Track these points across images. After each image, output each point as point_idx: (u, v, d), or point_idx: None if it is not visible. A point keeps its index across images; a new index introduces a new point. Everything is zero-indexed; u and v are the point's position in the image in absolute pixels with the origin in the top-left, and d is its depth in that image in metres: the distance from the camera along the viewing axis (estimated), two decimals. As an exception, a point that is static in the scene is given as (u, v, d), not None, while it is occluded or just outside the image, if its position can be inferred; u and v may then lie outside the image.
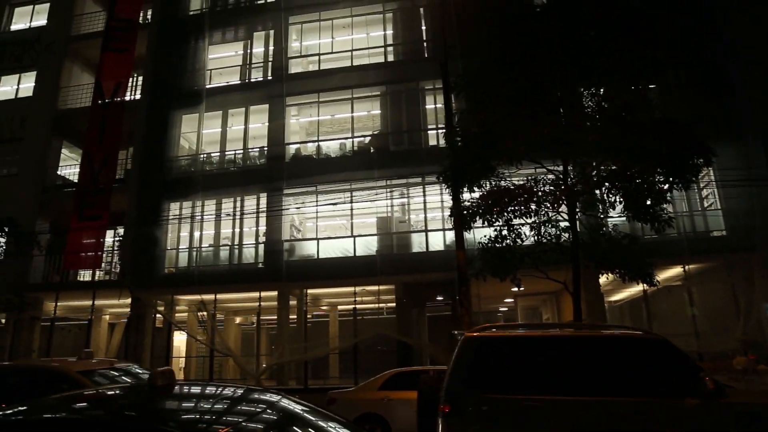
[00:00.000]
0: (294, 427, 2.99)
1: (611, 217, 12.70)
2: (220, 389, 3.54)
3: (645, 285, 11.85)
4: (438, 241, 17.10)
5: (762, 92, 16.52)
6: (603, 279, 16.14)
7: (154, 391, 2.86)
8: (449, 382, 5.78)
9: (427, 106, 18.42)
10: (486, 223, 12.31)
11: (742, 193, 15.98)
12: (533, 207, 11.87)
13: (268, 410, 3.03)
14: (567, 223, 12.16)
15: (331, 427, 3.04)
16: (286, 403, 3.20)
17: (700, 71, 14.33)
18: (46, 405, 3.00)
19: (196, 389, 3.58)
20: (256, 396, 3.30)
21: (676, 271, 16.67)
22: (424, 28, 19.30)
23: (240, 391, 3.37)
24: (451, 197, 15.59)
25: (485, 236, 12.90)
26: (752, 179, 15.69)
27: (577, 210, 12.19)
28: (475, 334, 6.17)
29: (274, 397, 3.24)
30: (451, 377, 5.81)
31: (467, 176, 13.17)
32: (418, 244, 17.19)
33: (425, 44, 19.18)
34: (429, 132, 18.20)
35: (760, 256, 15.55)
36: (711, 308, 16.09)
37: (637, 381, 5.63)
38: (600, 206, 12.09)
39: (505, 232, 12.43)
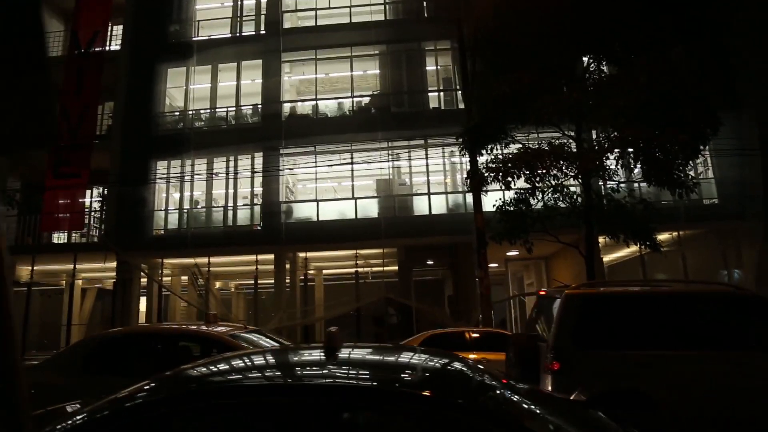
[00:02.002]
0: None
1: (613, 182, 12.95)
2: (395, 350, 3.30)
3: (646, 248, 12.27)
4: (440, 205, 16.98)
5: (757, 63, 16.94)
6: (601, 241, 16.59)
7: (332, 351, 2.57)
8: (556, 339, 5.73)
9: (428, 68, 18.03)
10: (504, 185, 12.38)
11: (734, 163, 16.57)
12: (555, 171, 12.02)
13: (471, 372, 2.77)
14: (573, 187, 12.53)
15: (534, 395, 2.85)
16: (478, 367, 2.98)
17: (701, 41, 14.57)
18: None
19: (369, 350, 3.32)
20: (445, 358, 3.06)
21: (668, 235, 17.21)
22: (424, -14, 18.75)
23: (420, 353, 3.13)
24: (465, 160, 15.56)
25: (498, 200, 13.00)
26: (744, 149, 16.25)
27: (595, 175, 12.42)
28: (576, 291, 6.14)
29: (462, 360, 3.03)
30: (557, 335, 5.75)
31: (485, 139, 13.16)
32: (419, 207, 17.00)
33: (424, 3, 18.67)
34: (430, 94, 17.88)
35: (748, 224, 16.22)
36: (702, 273, 16.74)
37: (737, 335, 5.79)
38: (617, 171, 12.31)
39: (526, 195, 12.65)
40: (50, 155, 18.02)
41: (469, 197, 16.70)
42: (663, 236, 17.46)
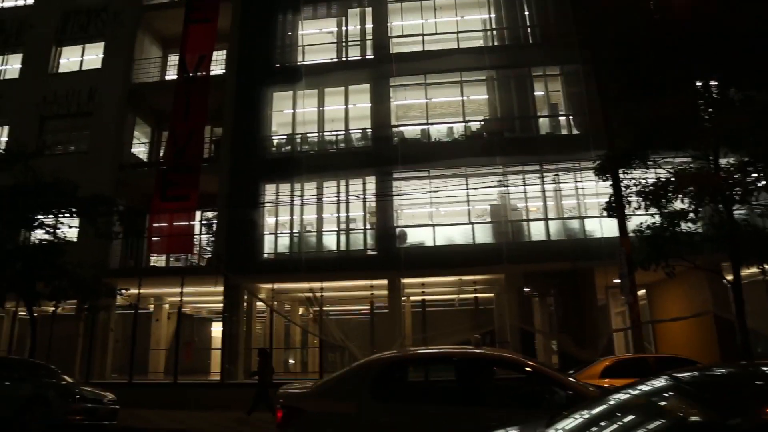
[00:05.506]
0: None
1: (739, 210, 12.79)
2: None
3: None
4: (558, 230, 16.74)
5: None
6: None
7: None
8: None
9: (536, 93, 18.00)
10: (652, 209, 12.35)
11: None
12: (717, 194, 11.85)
13: None
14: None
15: None
16: None
17: None
18: None
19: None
20: None
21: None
22: (527, 13, 18.84)
23: None
24: (583, 185, 15.55)
25: (642, 224, 12.88)
26: None
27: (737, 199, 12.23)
28: None
29: None
30: None
31: (627, 163, 13.11)
32: (535, 232, 16.74)
33: (528, 30, 18.74)
34: (541, 119, 17.82)
35: None
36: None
37: None
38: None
39: (674, 220, 12.49)
40: (158, 178, 18.06)
41: (588, 223, 16.50)
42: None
